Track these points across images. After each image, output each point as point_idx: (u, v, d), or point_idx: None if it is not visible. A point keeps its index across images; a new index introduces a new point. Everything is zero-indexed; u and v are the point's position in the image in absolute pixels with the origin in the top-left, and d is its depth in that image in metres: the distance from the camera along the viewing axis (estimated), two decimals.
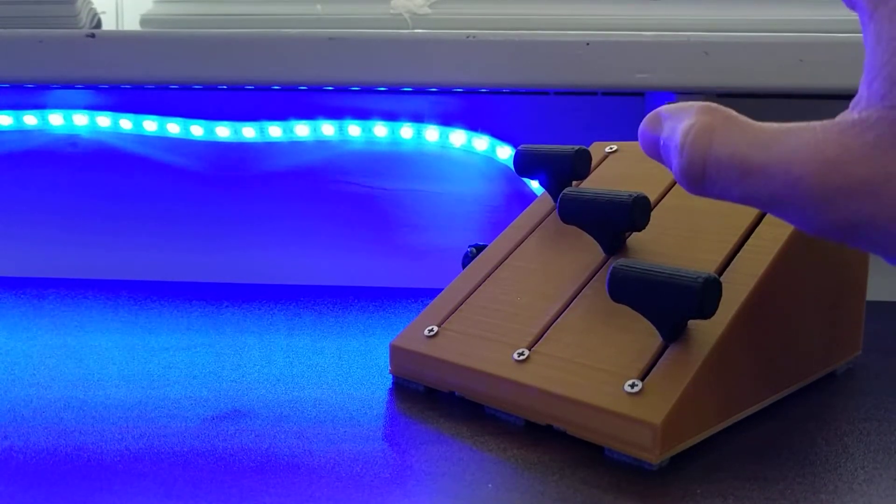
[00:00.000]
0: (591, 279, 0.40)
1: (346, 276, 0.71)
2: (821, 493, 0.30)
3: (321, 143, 0.71)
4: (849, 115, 0.23)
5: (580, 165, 0.44)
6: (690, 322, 0.34)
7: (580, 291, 0.39)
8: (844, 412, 0.38)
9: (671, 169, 0.27)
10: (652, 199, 0.42)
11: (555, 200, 0.46)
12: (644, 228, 0.38)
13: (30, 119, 0.71)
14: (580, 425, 0.33)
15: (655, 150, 0.29)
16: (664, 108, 0.28)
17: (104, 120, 0.71)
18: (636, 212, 0.37)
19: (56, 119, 0.71)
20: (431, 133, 0.69)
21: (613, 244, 0.40)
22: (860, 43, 0.25)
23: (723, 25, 0.63)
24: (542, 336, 0.37)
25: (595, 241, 0.41)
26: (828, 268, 0.40)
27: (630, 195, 0.37)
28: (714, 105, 0.26)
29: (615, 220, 0.38)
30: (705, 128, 0.25)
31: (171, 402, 0.39)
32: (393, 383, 0.42)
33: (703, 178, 0.25)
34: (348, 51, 0.59)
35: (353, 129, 0.70)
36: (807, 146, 0.23)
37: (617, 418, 0.32)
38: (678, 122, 0.27)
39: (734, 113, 0.26)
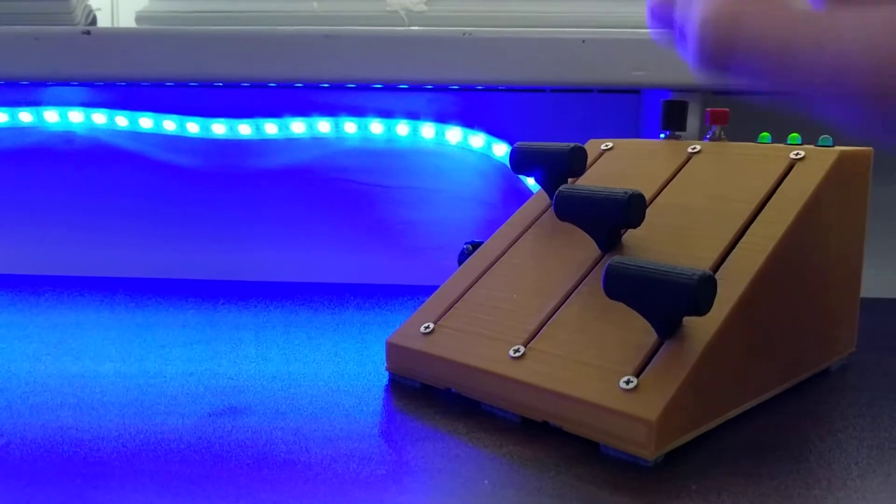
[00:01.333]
0: (586, 276, 0.40)
1: (342, 273, 0.71)
2: (814, 488, 0.30)
3: (317, 141, 0.71)
4: None
5: (576, 162, 0.44)
6: (686, 319, 0.34)
7: (576, 288, 0.39)
8: (838, 409, 0.38)
9: (687, 48, 0.24)
10: (647, 196, 0.42)
11: (551, 198, 0.46)
12: (639, 225, 0.38)
13: (25, 116, 0.71)
14: (576, 422, 0.34)
15: (668, 23, 0.25)
16: None
17: (100, 117, 0.70)
18: (632, 209, 0.37)
19: (52, 116, 0.70)
20: (427, 130, 0.69)
21: (609, 241, 0.40)
22: None
23: None
24: (537, 333, 0.38)
25: (590, 239, 0.41)
26: (822, 265, 0.40)
27: (626, 192, 0.37)
28: None
29: (611, 217, 0.38)
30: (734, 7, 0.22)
31: (168, 399, 0.39)
32: (389, 380, 0.42)
33: (730, 53, 0.22)
34: (345, 48, 0.59)
35: (349, 127, 0.70)
36: (873, 22, 0.20)
37: (612, 415, 0.32)
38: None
39: None
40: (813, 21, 0.21)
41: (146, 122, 0.70)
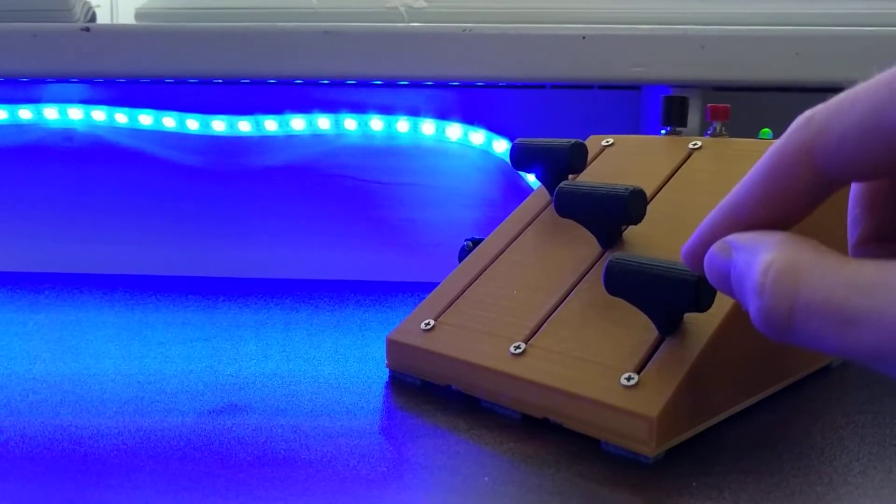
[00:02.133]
0: (587, 273, 0.40)
1: (342, 270, 0.71)
2: (816, 485, 0.30)
3: (317, 137, 0.71)
4: None
5: (577, 159, 0.44)
6: (686, 315, 0.34)
7: (577, 285, 0.39)
8: (839, 405, 0.38)
9: (749, 311, 0.23)
10: (649, 192, 0.42)
11: (551, 194, 0.46)
12: (640, 222, 0.38)
13: (24, 113, 0.70)
14: (576, 418, 0.34)
15: (727, 284, 0.24)
16: (735, 236, 0.24)
17: (99, 114, 0.70)
18: (632, 205, 0.37)
19: (51, 113, 0.70)
20: (428, 127, 0.69)
21: (610, 238, 0.40)
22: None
23: (719, 19, 0.63)
24: (538, 330, 0.37)
25: (591, 235, 0.41)
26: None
27: (626, 188, 0.37)
28: (797, 237, 0.22)
29: (611, 214, 0.38)
30: (790, 266, 0.21)
31: (168, 397, 0.39)
32: (389, 377, 0.42)
33: (790, 326, 0.21)
34: (344, 44, 0.59)
35: (349, 123, 0.69)
36: None
37: (613, 411, 0.32)
38: (754, 255, 0.22)
39: (822, 246, 0.22)
40: (868, 284, 0.20)
41: (146, 119, 0.70)
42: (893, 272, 0.19)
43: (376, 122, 0.69)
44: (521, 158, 0.46)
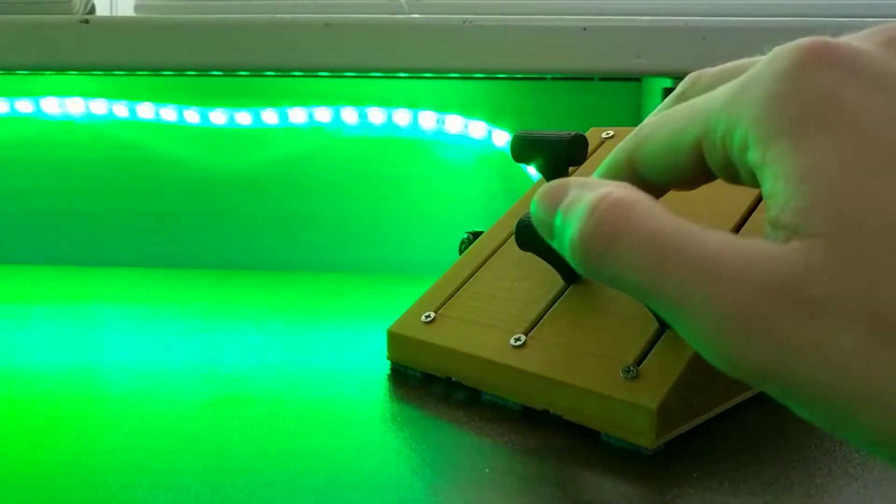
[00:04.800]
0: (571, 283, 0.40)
1: (341, 262, 0.71)
2: (815, 476, 0.30)
3: (316, 129, 0.71)
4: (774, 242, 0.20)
5: (577, 151, 0.44)
6: None
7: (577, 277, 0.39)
8: None
9: (562, 241, 0.23)
10: None
11: None
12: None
13: (24, 105, 0.70)
14: (576, 410, 0.34)
15: (548, 215, 0.24)
16: (572, 178, 0.24)
17: (99, 106, 0.70)
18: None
19: (50, 105, 0.70)
20: (427, 119, 0.69)
21: (571, 272, 0.38)
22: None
23: (720, 10, 0.62)
24: (538, 322, 0.37)
25: None
26: None
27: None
28: (634, 187, 0.23)
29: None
30: (630, 199, 0.22)
31: (168, 388, 0.39)
32: (390, 369, 0.42)
33: (605, 253, 0.21)
34: (344, 36, 0.59)
35: (349, 115, 0.69)
36: (737, 254, 0.19)
37: (613, 403, 0.32)
38: (594, 188, 0.23)
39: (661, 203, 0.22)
40: (698, 235, 0.20)
41: (145, 110, 0.70)
42: (716, 234, 0.20)
43: (376, 114, 0.69)
44: (521, 150, 0.46)
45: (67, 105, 0.70)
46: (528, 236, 0.38)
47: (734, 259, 0.19)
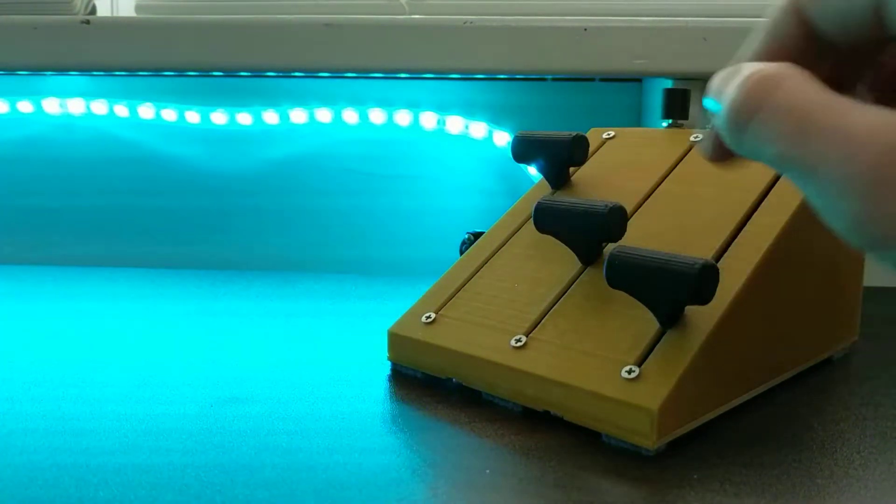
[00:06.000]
0: (588, 266, 0.40)
1: (342, 263, 0.71)
2: (817, 478, 0.30)
3: (317, 130, 0.71)
4: None
5: (578, 151, 0.44)
6: (688, 308, 0.34)
7: (577, 278, 0.39)
8: (841, 398, 0.38)
9: (718, 111, 0.24)
10: (650, 185, 0.42)
11: (552, 187, 0.46)
12: (620, 239, 0.38)
13: (25, 106, 0.70)
14: (577, 411, 0.34)
15: (721, 87, 0.25)
16: (745, 63, 0.25)
17: (100, 106, 0.70)
18: (612, 222, 0.37)
19: (51, 106, 0.70)
20: (428, 119, 0.69)
21: (589, 254, 0.39)
22: None
23: (721, 11, 0.62)
24: (539, 322, 0.37)
25: None
26: (825, 254, 0.40)
27: (606, 205, 0.37)
28: (795, 66, 0.23)
29: (591, 231, 0.38)
30: (776, 74, 0.22)
31: (169, 389, 0.39)
32: (391, 370, 0.42)
33: (748, 121, 0.22)
34: (345, 36, 0.59)
35: (350, 116, 0.69)
36: (872, 118, 0.20)
37: (614, 404, 0.32)
38: (750, 67, 0.23)
39: (814, 77, 0.22)
40: (840, 111, 0.20)
41: (146, 111, 0.70)
42: (866, 109, 0.20)
43: (376, 115, 0.69)
44: (522, 151, 0.46)
45: (68, 105, 0.70)
46: (547, 218, 0.39)
47: (869, 123, 0.20)
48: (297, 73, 0.65)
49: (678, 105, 0.47)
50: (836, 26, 0.24)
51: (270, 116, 0.70)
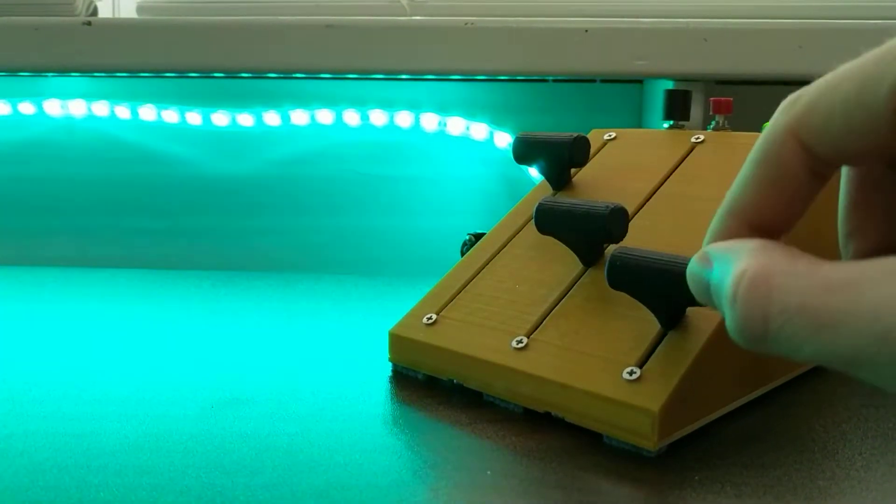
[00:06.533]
0: (589, 267, 0.40)
1: (343, 264, 0.71)
2: (818, 479, 0.30)
3: (318, 131, 0.71)
4: None
5: (579, 153, 0.44)
6: (689, 309, 0.34)
7: (579, 279, 0.39)
8: (842, 399, 0.38)
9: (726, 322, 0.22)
10: (651, 186, 0.42)
11: (554, 188, 0.46)
12: (622, 240, 0.37)
13: (26, 107, 0.70)
14: (578, 412, 0.33)
15: (708, 297, 0.23)
16: (713, 246, 0.24)
17: (101, 108, 0.70)
18: (613, 223, 0.37)
19: (53, 107, 0.70)
20: (429, 120, 0.69)
21: (590, 255, 0.39)
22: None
23: (722, 12, 0.62)
24: (540, 323, 0.37)
25: None
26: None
27: (607, 206, 0.37)
28: (773, 243, 0.22)
29: (592, 232, 0.38)
30: (763, 272, 0.21)
31: (170, 390, 0.39)
32: (392, 371, 0.42)
33: (765, 334, 0.20)
34: (346, 38, 0.59)
35: (351, 117, 0.69)
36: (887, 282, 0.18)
37: (615, 405, 0.32)
38: (728, 264, 0.22)
39: (797, 251, 0.21)
40: (843, 284, 0.19)
41: (147, 112, 0.70)
42: (870, 271, 0.19)
43: (378, 116, 0.69)
44: (523, 152, 0.46)
45: (70, 106, 0.70)
46: (548, 219, 0.39)
47: (883, 292, 0.18)
48: (298, 75, 0.65)
49: (679, 106, 0.47)
50: (847, 145, 0.22)
51: (272, 118, 0.70)
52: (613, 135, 0.48)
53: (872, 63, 0.21)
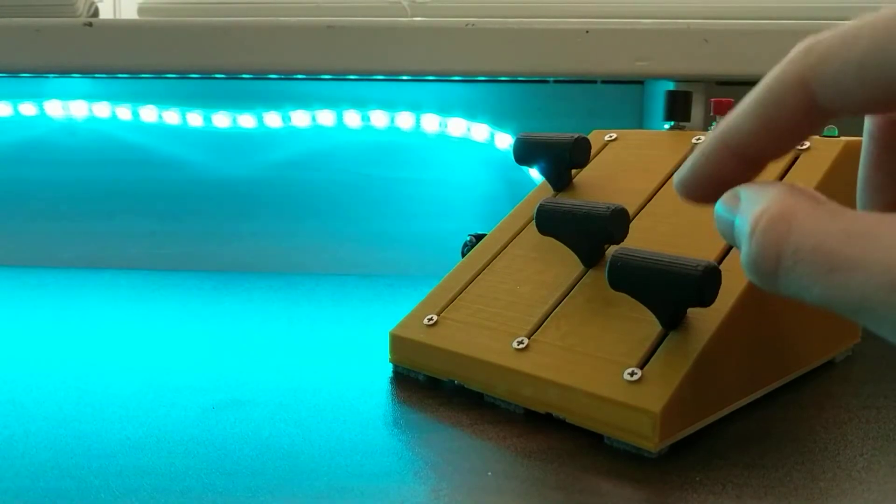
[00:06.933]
0: (590, 268, 0.40)
1: (345, 264, 0.71)
2: (819, 480, 0.30)
3: (319, 132, 0.71)
4: None
5: (579, 154, 0.44)
6: (690, 310, 0.34)
7: (580, 280, 0.39)
8: (843, 400, 0.38)
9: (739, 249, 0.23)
10: (652, 186, 0.42)
11: (554, 189, 0.46)
12: (623, 241, 0.38)
13: (27, 108, 0.71)
14: (579, 413, 0.33)
15: (731, 234, 0.24)
16: (742, 186, 0.24)
17: (102, 109, 0.70)
18: (614, 225, 0.37)
19: (54, 108, 0.70)
20: (430, 121, 0.69)
21: (591, 256, 0.39)
22: None
23: (722, 13, 0.62)
24: (541, 324, 0.37)
25: None
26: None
27: (608, 207, 0.37)
28: (799, 186, 0.22)
29: (593, 233, 0.38)
30: (784, 212, 0.21)
31: (171, 391, 0.39)
32: (393, 372, 0.42)
33: (776, 271, 0.21)
34: (347, 39, 0.59)
35: (352, 118, 0.69)
36: None
37: (616, 406, 0.32)
38: (754, 204, 0.22)
39: (822, 197, 0.21)
40: (862, 233, 0.20)
41: (148, 113, 0.70)
42: (888, 223, 0.19)
43: (379, 117, 0.69)
44: (524, 153, 0.46)
45: (71, 108, 0.70)
46: (549, 220, 0.39)
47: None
48: (299, 76, 0.65)
49: (680, 107, 0.47)
50: (861, 101, 0.22)
51: (273, 119, 0.70)
52: (614, 136, 0.48)
53: (893, 20, 0.21)
